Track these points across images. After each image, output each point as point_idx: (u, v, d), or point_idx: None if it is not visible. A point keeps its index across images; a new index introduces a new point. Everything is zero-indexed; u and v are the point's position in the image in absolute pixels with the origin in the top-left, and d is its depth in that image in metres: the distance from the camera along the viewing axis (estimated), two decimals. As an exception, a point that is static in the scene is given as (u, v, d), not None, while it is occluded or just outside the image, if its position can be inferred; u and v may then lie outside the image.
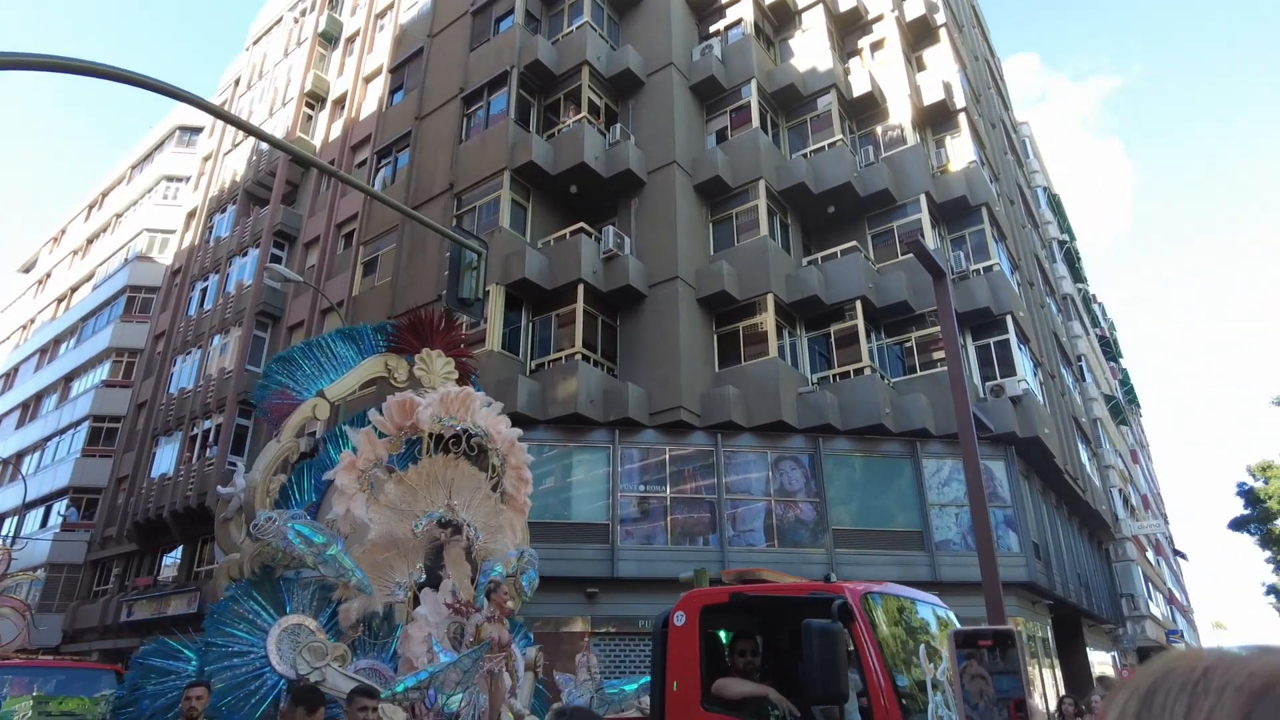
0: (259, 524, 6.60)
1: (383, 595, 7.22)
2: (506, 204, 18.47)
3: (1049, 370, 22.82)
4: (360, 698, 4.47)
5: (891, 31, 21.92)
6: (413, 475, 7.69)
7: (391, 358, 8.81)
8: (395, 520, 7.46)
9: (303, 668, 5.64)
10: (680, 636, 4.98)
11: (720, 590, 5.20)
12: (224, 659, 6.27)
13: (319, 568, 6.68)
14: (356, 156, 25.23)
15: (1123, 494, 34.70)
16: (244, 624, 6.51)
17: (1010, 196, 25.63)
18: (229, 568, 7.42)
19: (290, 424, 7.95)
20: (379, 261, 21.75)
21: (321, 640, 6.00)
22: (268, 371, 8.46)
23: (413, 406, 7.70)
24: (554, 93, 20.48)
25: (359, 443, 7.48)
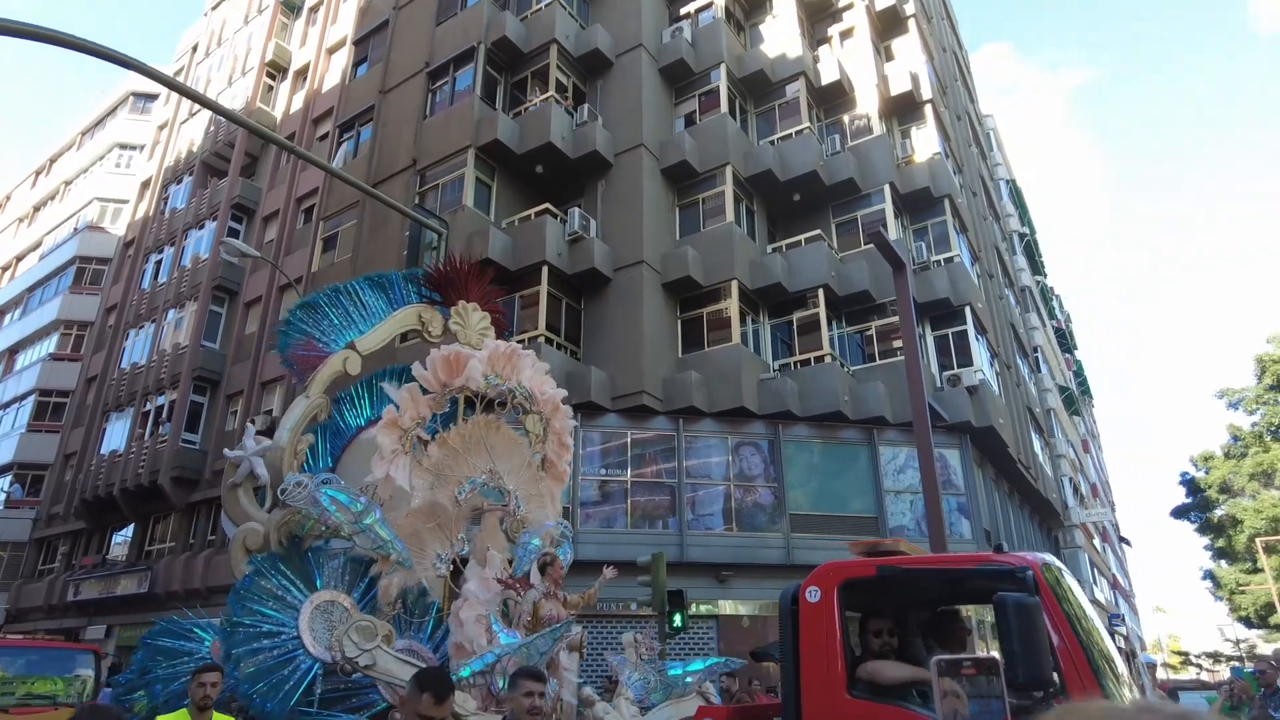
0: (288, 489, 5.91)
1: (422, 569, 6.63)
2: (471, 182, 18.23)
3: (1005, 361, 23.26)
4: (526, 680, 3.87)
5: (861, 20, 21.97)
6: (454, 437, 7.01)
7: (425, 309, 8.14)
8: (438, 486, 6.82)
9: (350, 650, 4.96)
10: (814, 615, 4.40)
11: (865, 562, 4.63)
12: (252, 640, 5.60)
13: (354, 538, 6.05)
14: (318, 129, 24.69)
15: (1073, 483, 35.65)
16: (273, 601, 5.83)
17: (973, 188, 25.97)
18: (245, 538, 6.78)
19: (319, 377, 7.23)
20: (339, 238, 21.37)
21: (370, 620, 5.20)
22: (290, 320, 7.76)
23: (461, 361, 7.00)
24: (521, 70, 20.21)
25: (401, 399, 6.79)
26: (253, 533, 6.80)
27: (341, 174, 10.07)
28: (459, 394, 7.12)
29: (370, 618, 5.28)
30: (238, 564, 6.58)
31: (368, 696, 5.70)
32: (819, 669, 4.26)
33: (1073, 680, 3.77)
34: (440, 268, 8.28)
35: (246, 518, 7.09)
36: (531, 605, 6.14)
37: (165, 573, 21.33)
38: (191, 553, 21.40)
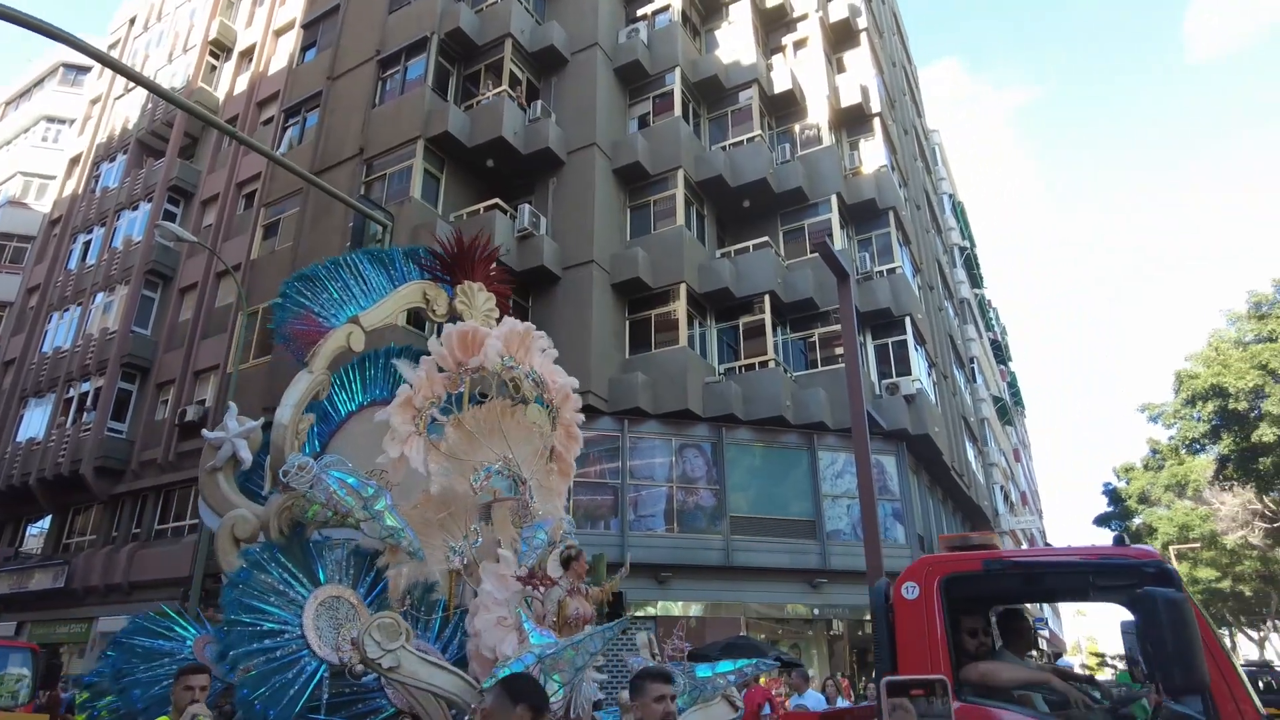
0: (291, 471, 5.43)
1: (433, 562, 6.16)
2: (419, 174, 17.95)
3: (942, 371, 23.90)
4: (654, 683, 3.34)
5: (815, 31, 22.32)
6: (470, 420, 6.52)
7: (430, 287, 7.72)
8: (454, 472, 6.36)
9: (372, 650, 4.41)
10: (913, 612, 4.12)
11: (968, 556, 4.30)
12: (252, 640, 5.05)
13: (361, 525, 5.61)
14: (263, 113, 23.98)
15: (1004, 490, 36.82)
16: (274, 597, 5.28)
17: (917, 202, 26.61)
18: (234, 527, 6.26)
19: (323, 352, 6.78)
20: (281, 225, 20.80)
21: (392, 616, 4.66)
22: (286, 292, 7.28)
23: (479, 339, 6.54)
24: (475, 63, 19.98)
25: (415, 377, 6.37)
26: (243, 521, 6.22)
27: (284, 161, 9.80)
28: (474, 375, 6.66)
29: (393, 614, 4.72)
30: (226, 555, 6.09)
31: (375, 701, 5.26)
32: (920, 671, 3.94)
33: (1222, 689, 3.50)
34: (446, 245, 7.82)
35: (228, 505, 6.57)
36: (556, 604, 5.70)
37: (84, 567, 20.47)
38: (114, 547, 20.58)
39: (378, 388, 7.88)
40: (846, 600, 17.40)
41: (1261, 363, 26.40)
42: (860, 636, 18.45)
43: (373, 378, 7.93)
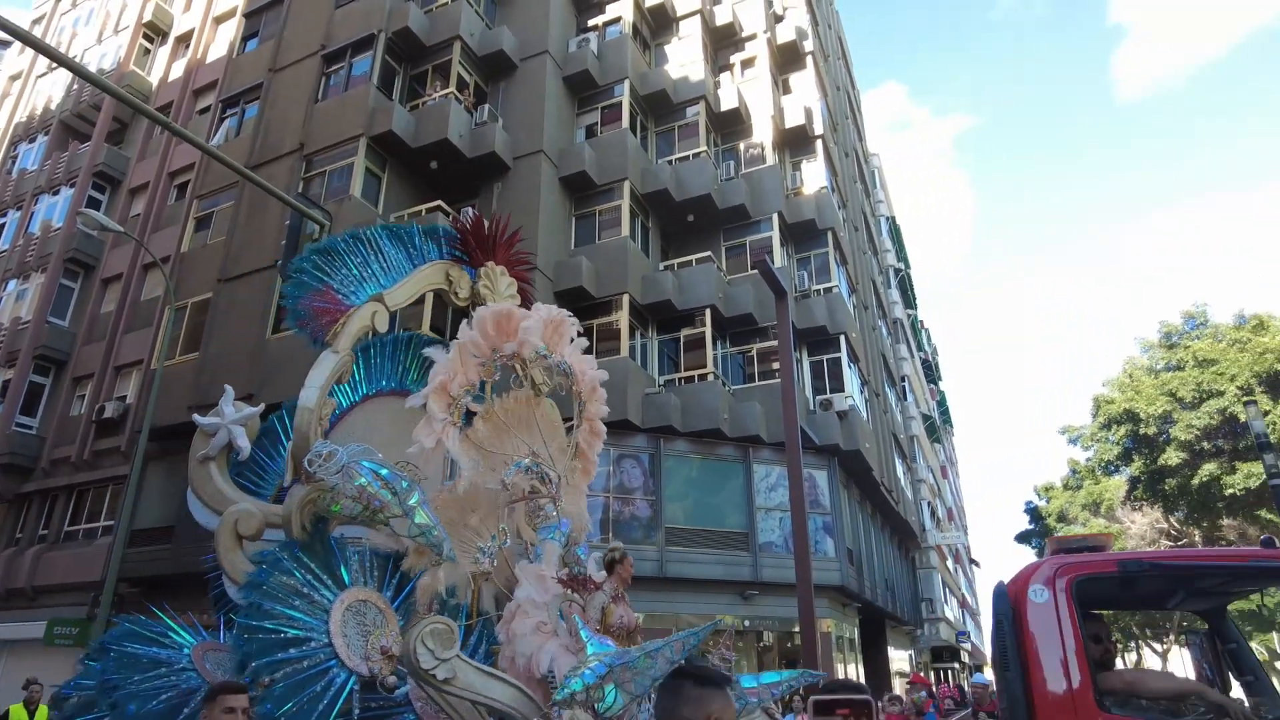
0: (319, 459, 4.87)
1: (465, 563, 5.61)
2: (360, 172, 17.64)
3: (874, 388, 24.52)
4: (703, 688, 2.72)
5: (762, 52, 22.75)
6: (500, 410, 6.04)
7: (454, 268, 7.24)
8: (486, 465, 5.86)
9: (426, 660, 3.95)
10: (1045, 618, 3.84)
11: (1103, 558, 4.03)
12: (275, 649, 4.49)
13: (390, 522, 5.07)
14: (199, 102, 23.24)
15: (931, 506, 37.87)
16: (299, 601, 4.72)
17: (855, 223, 27.30)
18: (237, 522, 5.68)
19: (348, 331, 6.18)
20: (215, 218, 20.16)
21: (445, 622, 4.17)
22: (300, 267, 6.73)
23: (514, 323, 6.02)
24: (422, 63, 19.76)
25: (448, 361, 5.78)
26: (247, 516, 5.68)
27: (218, 154, 9.53)
28: (509, 362, 6.13)
29: (445, 619, 4.27)
30: (228, 554, 5.58)
31: (403, 716, 4.80)
32: (1057, 681, 3.71)
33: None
34: (469, 225, 7.46)
35: (223, 498, 6.11)
36: (601, 610, 5.25)
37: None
38: (17, 549, 19.54)
39: (384, 378, 7.47)
40: (776, 612, 17.65)
41: (1170, 390, 27.78)
42: (789, 648, 18.74)
43: (379, 367, 7.48)
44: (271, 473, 6.99)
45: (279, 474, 6.90)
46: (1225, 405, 25.75)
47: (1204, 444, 26.74)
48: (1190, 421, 26.55)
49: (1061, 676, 3.73)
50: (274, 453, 7.11)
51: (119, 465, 18.45)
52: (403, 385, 7.57)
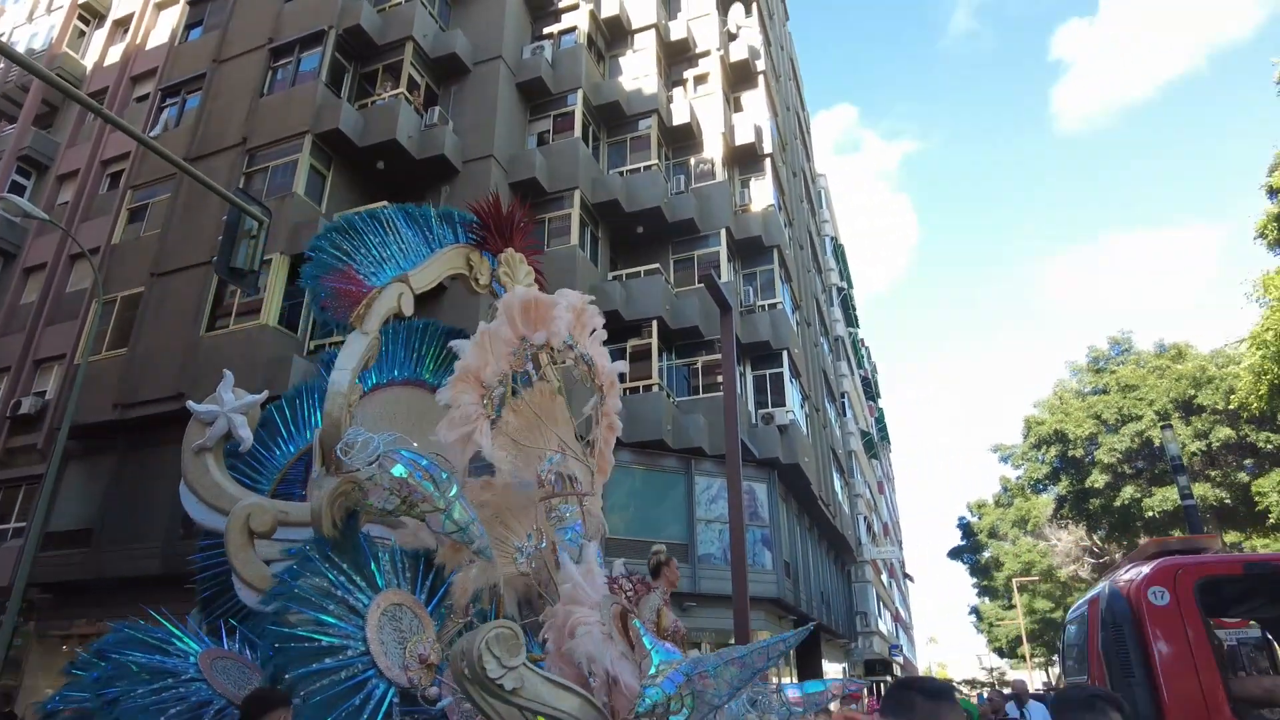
0: (353, 446, 4.47)
1: (504, 564, 5.25)
2: (304, 169, 17.29)
3: (815, 404, 24.94)
4: None
5: (715, 69, 23.06)
6: (526, 403, 5.69)
7: (474, 253, 6.87)
8: (520, 459, 5.49)
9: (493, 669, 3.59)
10: (1170, 621, 3.66)
11: (1226, 559, 3.87)
12: (310, 659, 4.03)
13: (426, 518, 4.69)
14: (137, 89, 22.50)
15: (867, 521, 38.60)
16: (333, 605, 4.27)
17: (801, 242, 27.79)
18: (249, 518, 5.17)
19: (376, 312, 5.75)
20: (150, 210, 19.50)
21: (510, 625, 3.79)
22: (318, 245, 6.37)
23: (542, 311, 5.65)
24: (372, 62, 19.49)
25: (477, 349, 5.35)
26: (260, 511, 5.18)
27: (153, 144, 9.23)
28: (538, 352, 5.76)
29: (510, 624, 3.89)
30: (239, 553, 5.11)
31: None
32: (1186, 686, 3.54)
33: None
34: (485, 209, 7.09)
35: (221, 492, 5.63)
36: (655, 613, 4.91)
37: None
38: (-79, 547, 18.48)
39: (396, 367, 7.14)
40: (713, 624, 17.75)
41: (1096, 413, 28.94)
42: (724, 659, 18.81)
43: (391, 356, 7.12)
44: (269, 466, 6.57)
45: (277, 467, 6.56)
46: (1143, 429, 26.91)
47: (1125, 466, 27.89)
48: (1112, 445, 27.67)
49: (1191, 681, 3.57)
50: (272, 445, 6.69)
51: (35, 464, 17.64)
52: (417, 375, 7.25)
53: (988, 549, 46.90)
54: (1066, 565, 35.99)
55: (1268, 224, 17.72)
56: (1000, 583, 45.34)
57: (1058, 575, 38.35)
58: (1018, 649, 47.58)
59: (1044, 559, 39.08)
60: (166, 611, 5.29)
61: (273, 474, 6.53)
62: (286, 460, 6.60)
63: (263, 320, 15.53)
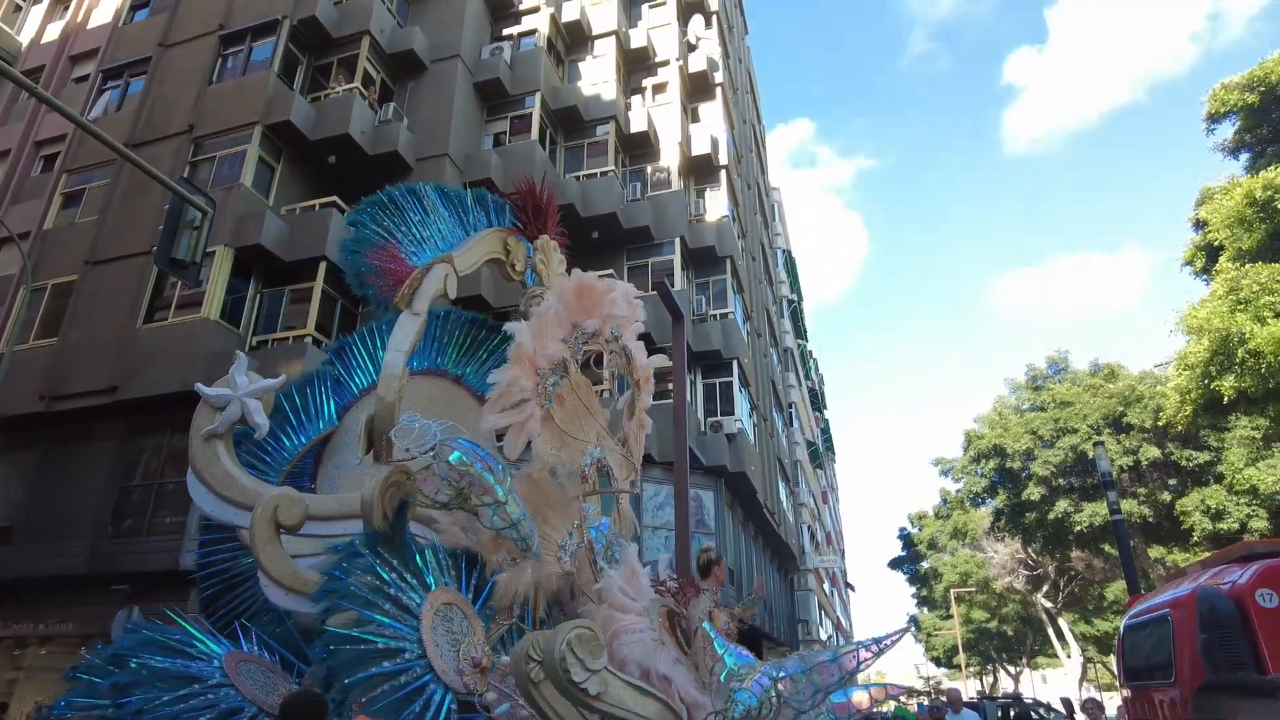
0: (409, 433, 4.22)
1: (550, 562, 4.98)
2: (253, 160, 16.87)
3: (763, 413, 25.21)
4: None
5: (674, 78, 23.23)
6: (572, 392, 5.40)
7: (511, 238, 6.57)
8: (565, 452, 5.21)
9: (577, 672, 3.35)
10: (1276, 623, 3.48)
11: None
12: (368, 663, 3.72)
13: (478, 512, 4.39)
14: (77, 68, 21.68)
15: (811, 530, 39.12)
16: (389, 604, 3.95)
17: (753, 253, 28.12)
18: (277, 509, 4.73)
19: (425, 293, 5.43)
20: (86, 196, 18.80)
21: (588, 626, 3.54)
22: (357, 220, 6.08)
23: (595, 298, 5.38)
24: (327, 55, 19.14)
25: (532, 334, 5.02)
26: (290, 503, 4.76)
27: (92, 127, 8.92)
28: (589, 341, 5.50)
29: (588, 622, 3.67)
30: (266, 547, 4.68)
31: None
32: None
33: None
34: (520, 193, 6.76)
35: (232, 482, 5.21)
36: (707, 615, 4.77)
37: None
38: None
39: (417, 357, 6.77)
40: (656, 630, 17.77)
41: (1033, 429, 29.83)
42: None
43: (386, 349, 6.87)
44: (276, 457, 6.16)
45: (285, 459, 6.16)
46: (1077, 443, 27.85)
47: (1059, 480, 28.80)
48: (1047, 458, 28.55)
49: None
50: (280, 435, 6.25)
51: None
52: (437, 365, 6.93)
53: (927, 560, 47.93)
54: (1002, 577, 36.97)
55: (1194, 253, 18.57)
56: (939, 593, 46.38)
57: (994, 586, 39.37)
58: (954, 658, 48.70)
59: (981, 570, 40.09)
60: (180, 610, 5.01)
61: (280, 465, 6.17)
62: (296, 451, 6.21)
63: (204, 314, 15.09)
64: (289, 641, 4.94)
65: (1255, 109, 18.18)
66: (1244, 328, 13.53)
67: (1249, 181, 16.22)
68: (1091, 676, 45.05)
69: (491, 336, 7.10)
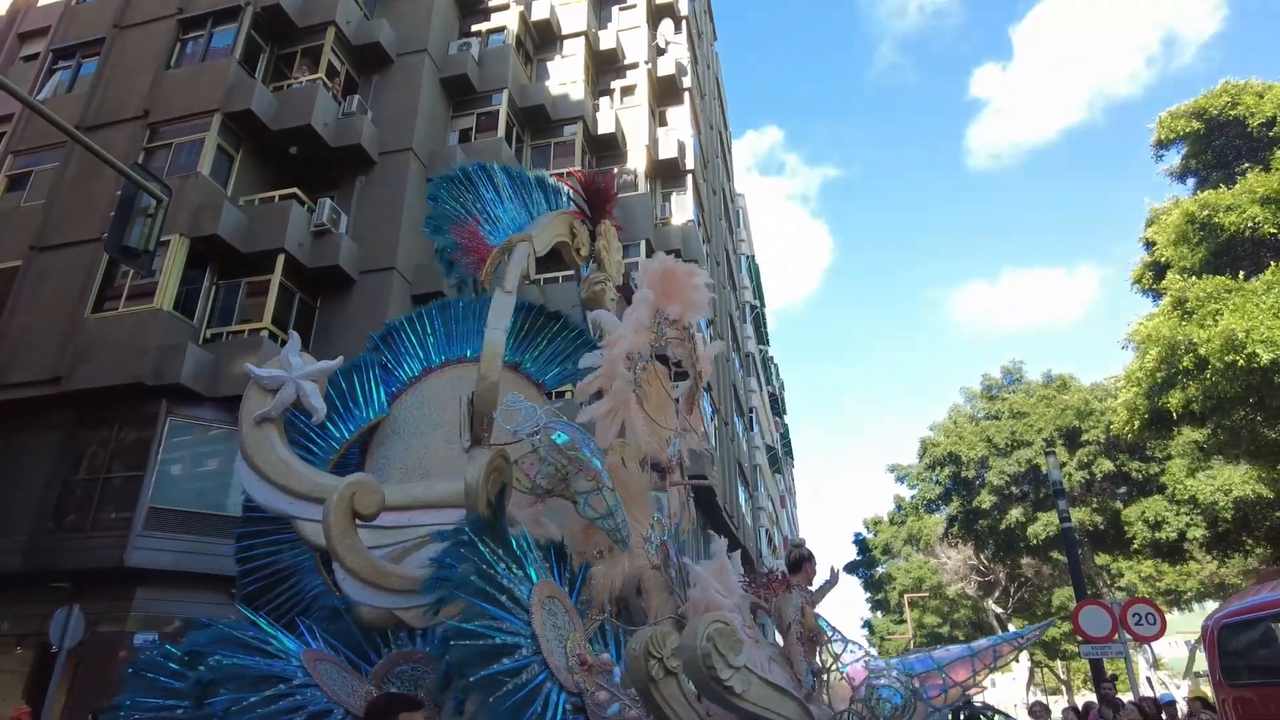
0: (515, 413, 3.98)
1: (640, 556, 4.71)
2: (211, 149, 16.47)
3: (724, 417, 25.34)
4: None
5: (642, 81, 23.25)
6: (652, 382, 5.18)
7: (576, 221, 6.29)
8: (655, 441, 4.96)
9: (722, 670, 3.14)
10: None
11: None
12: (489, 660, 3.44)
13: (579, 499, 4.14)
14: (25, 46, 20.96)
15: (769, 534, 39.40)
16: (503, 595, 3.66)
17: (717, 258, 28.27)
18: (355, 497, 4.31)
19: (514, 271, 5.13)
20: (33, 179, 18.15)
21: (726, 621, 3.34)
22: (435, 194, 5.91)
23: (678, 282, 5.20)
24: (291, 45, 18.78)
25: (626, 326, 4.78)
26: (368, 490, 4.39)
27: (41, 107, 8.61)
28: (669, 327, 5.28)
29: (726, 616, 3.44)
30: (343, 537, 4.28)
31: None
32: None
33: None
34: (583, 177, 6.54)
35: (286, 469, 4.87)
36: (796, 612, 4.62)
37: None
38: None
39: (464, 343, 6.51)
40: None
41: (988, 437, 30.43)
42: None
43: (459, 330, 6.56)
44: (322, 446, 5.78)
45: (333, 448, 5.77)
46: (1031, 456, 28.47)
47: (1012, 489, 29.41)
48: (1002, 468, 29.14)
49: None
50: (326, 421, 5.82)
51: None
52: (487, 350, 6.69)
53: (882, 565, 48.57)
54: (955, 582, 37.63)
55: (1143, 272, 19.12)
56: (893, 598, 47.03)
57: (946, 592, 40.06)
58: (905, 662, 49.36)
59: (934, 576, 40.74)
60: None
61: (328, 455, 5.80)
62: (344, 440, 5.86)
63: (156, 304, 14.67)
64: (349, 639, 4.69)
65: (1200, 136, 18.78)
66: (1191, 334, 13.96)
67: (1186, 202, 16.80)
68: (1039, 680, 46.09)
69: (551, 324, 6.99)
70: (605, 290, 6.17)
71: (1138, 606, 12.74)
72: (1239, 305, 13.50)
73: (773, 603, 4.74)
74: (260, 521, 5.56)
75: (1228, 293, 14.13)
